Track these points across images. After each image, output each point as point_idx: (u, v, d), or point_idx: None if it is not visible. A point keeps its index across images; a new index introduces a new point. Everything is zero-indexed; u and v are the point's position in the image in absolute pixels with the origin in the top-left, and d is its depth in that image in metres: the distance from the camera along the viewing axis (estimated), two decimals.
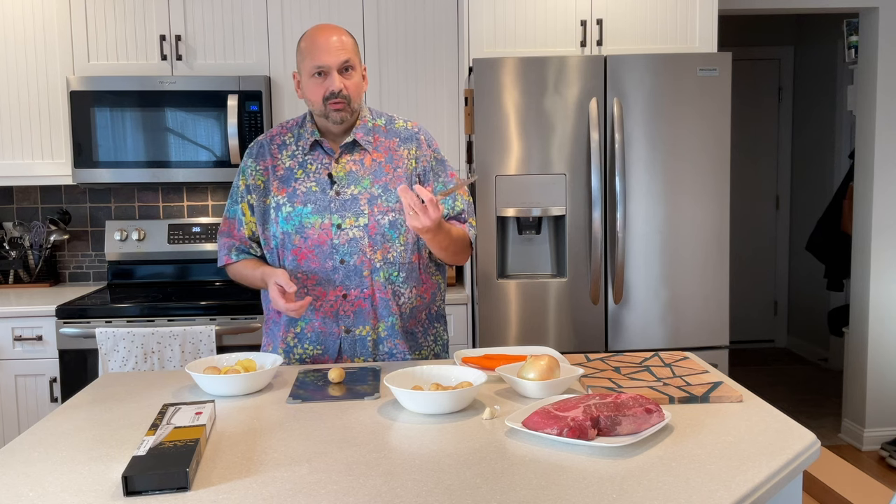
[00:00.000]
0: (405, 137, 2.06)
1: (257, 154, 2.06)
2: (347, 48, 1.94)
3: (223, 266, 2.10)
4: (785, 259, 6.20)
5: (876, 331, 3.95)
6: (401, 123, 2.09)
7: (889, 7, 3.80)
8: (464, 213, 2.06)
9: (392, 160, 2.03)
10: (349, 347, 2.02)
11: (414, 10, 3.37)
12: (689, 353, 2.01)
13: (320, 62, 1.92)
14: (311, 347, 2.03)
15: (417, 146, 2.06)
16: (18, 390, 3.07)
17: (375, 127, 2.05)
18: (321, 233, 1.98)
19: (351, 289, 1.99)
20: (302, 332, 2.03)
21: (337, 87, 1.92)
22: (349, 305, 2.00)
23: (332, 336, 2.01)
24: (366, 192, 1.99)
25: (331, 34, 1.94)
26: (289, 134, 2.06)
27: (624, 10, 3.17)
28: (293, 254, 1.99)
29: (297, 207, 1.99)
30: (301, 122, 2.07)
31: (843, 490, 2.53)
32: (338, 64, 1.92)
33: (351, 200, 1.98)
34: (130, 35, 3.31)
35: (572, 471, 1.26)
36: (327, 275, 1.98)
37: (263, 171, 2.04)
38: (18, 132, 3.33)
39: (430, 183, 2.05)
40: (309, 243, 1.98)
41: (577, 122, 2.97)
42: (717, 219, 3.04)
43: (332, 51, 1.91)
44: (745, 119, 6.08)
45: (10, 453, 1.41)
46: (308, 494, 1.20)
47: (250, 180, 2.05)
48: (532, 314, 3.01)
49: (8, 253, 3.54)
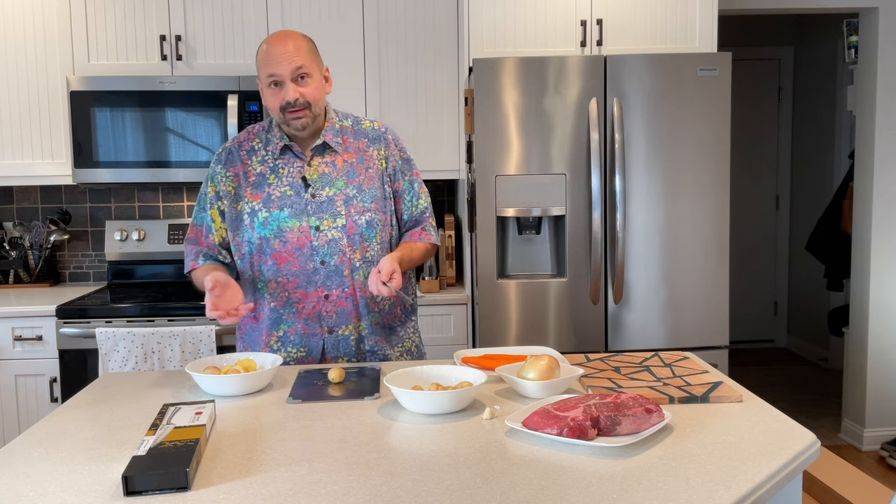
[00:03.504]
0: (373, 138, 2.08)
1: (226, 160, 2.05)
2: (302, 53, 1.92)
3: (189, 272, 2.06)
4: (785, 259, 6.20)
5: (876, 331, 3.95)
6: (367, 124, 2.11)
7: (889, 7, 3.80)
8: (426, 212, 2.13)
9: (363, 161, 2.05)
10: (332, 347, 2.03)
11: (414, 10, 3.37)
12: (689, 353, 2.01)
13: (272, 71, 1.91)
14: (294, 350, 2.03)
15: (386, 146, 2.08)
16: (18, 390, 3.07)
17: (343, 128, 2.06)
18: (300, 235, 1.98)
19: (333, 289, 2.00)
20: (285, 335, 2.03)
21: (291, 97, 1.92)
22: (331, 306, 2.01)
23: (315, 337, 2.02)
24: (341, 193, 2.01)
25: (285, 42, 1.92)
26: (256, 139, 2.06)
27: (624, 10, 3.17)
28: (273, 258, 1.99)
29: (274, 212, 1.98)
30: (268, 127, 2.06)
31: (843, 490, 2.53)
32: (290, 73, 1.91)
33: (327, 202, 2.00)
34: (130, 35, 3.31)
35: (572, 471, 1.26)
36: (308, 276, 1.99)
37: (234, 177, 2.03)
38: (18, 132, 3.33)
39: (399, 181, 2.09)
40: (289, 247, 1.98)
41: (577, 122, 2.97)
42: (717, 219, 3.04)
43: (285, 60, 1.90)
44: (745, 119, 6.08)
45: (10, 453, 1.41)
46: (308, 494, 1.20)
47: (220, 186, 2.04)
48: (532, 314, 3.01)
49: (8, 253, 3.54)
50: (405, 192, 2.10)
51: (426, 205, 2.14)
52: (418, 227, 2.13)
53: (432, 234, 2.13)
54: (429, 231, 2.12)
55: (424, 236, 2.11)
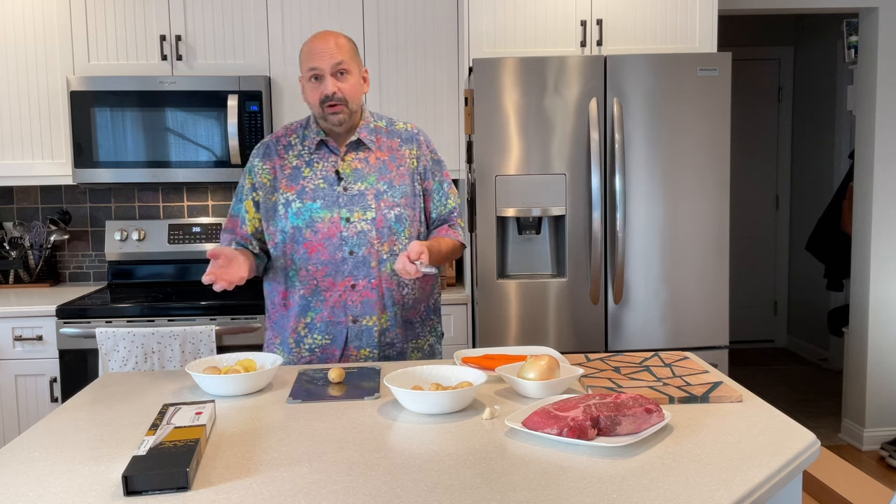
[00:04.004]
0: (406, 138, 2.17)
1: (264, 154, 2.14)
2: (343, 51, 2.02)
3: None
4: (785, 259, 6.20)
5: (876, 331, 3.95)
6: (401, 125, 2.19)
7: (889, 7, 3.80)
8: (455, 213, 2.21)
9: (395, 159, 2.13)
10: (355, 337, 2.10)
11: (414, 10, 3.37)
12: (689, 353, 2.01)
13: (313, 65, 2.01)
14: (319, 337, 2.10)
15: (418, 147, 2.16)
16: (18, 390, 3.07)
17: (377, 128, 2.16)
18: (331, 226, 2.06)
19: (359, 279, 2.07)
20: (312, 321, 2.10)
21: (330, 90, 2.01)
22: (357, 296, 2.08)
23: (339, 325, 2.09)
24: (372, 188, 2.08)
25: (327, 38, 2.03)
26: (293, 135, 2.15)
27: (624, 10, 3.17)
28: (304, 247, 2.07)
29: (307, 203, 2.07)
30: (305, 124, 2.16)
31: (843, 490, 2.53)
32: (331, 67, 2.01)
33: (358, 196, 2.07)
34: (130, 35, 3.31)
35: (572, 471, 1.26)
36: (337, 266, 2.07)
37: (271, 169, 2.12)
38: (18, 132, 3.33)
39: (429, 180, 2.17)
40: (319, 236, 2.06)
41: (577, 122, 2.97)
42: (717, 219, 3.04)
43: (326, 55, 2.00)
44: (744, 119, 6.08)
45: (10, 453, 1.41)
46: (308, 494, 1.20)
47: (257, 178, 2.12)
48: (532, 314, 3.01)
49: (8, 253, 3.54)
50: (435, 192, 2.18)
51: (455, 205, 2.21)
52: (446, 225, 2.20)
53: (460, 233, 2.21)
54: (456, 229, 2.20)
55: (452, 233, 2.18)
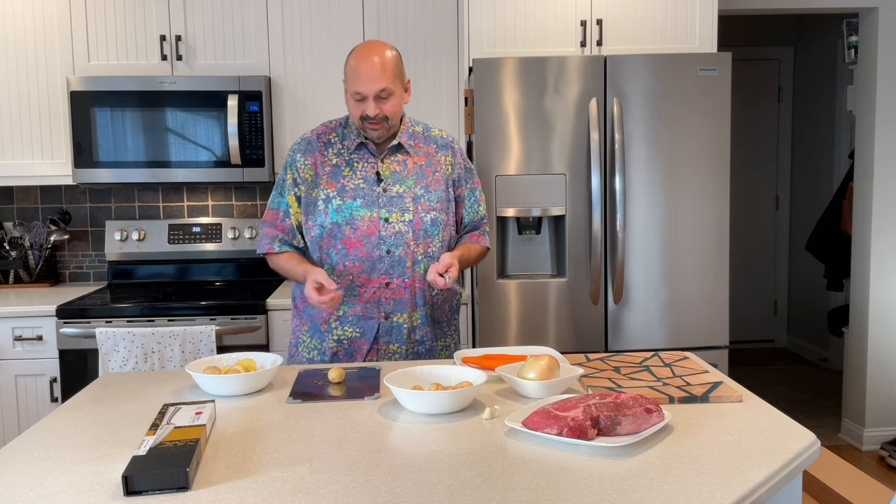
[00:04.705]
0: (441, 145, 2.25)
1: (305, 149, 2.20)
2: (387, 74, 2.05)
3: (264, 254, 2.20)
4: (785, 259, 6.20)
5: (876, 331, 3.95)
6: (436, 132, 2.28)
7: (889, 7, 3.80)
8: (484, 219, 2.32)
9: (431, 164, 2.22)
10: (385, 332, 2.17)
11: (414, 10, 3.37)
12: (689, 353, 2.01)
13: (358, 89, 2.06)
14: (350, 329, 2.16)
15: (452, 154, 2.25)
16: (18, 390, 3.07)
17: (415, 133, 2.23)
18: (370, 225, 2.13)
19: (394, 278, 2.14)
20: (344, 315, 2.16)
21: (372, 112, 2.07)
22: (390, 293, 2.15)
23: (371, 321, 2.16)
24: (410, 191, 2.16)
25: (372, 59, 2.05)
26: (333, 133, 2.21)
27: (624, 10, 3.17)
28: (342, 243, 2.13)
29: (348, 201, 2.13)
30: (344, 123, 2.21)
31: (843, 490, 2.53)
32: (374, 93, 2.05)
33: (397, 197, 2.15)
34: (130, 35, 3.31)
35: (572, 471, 1.26)
36: (373, 263, 2.13)
37: (312, 165, 2.17)
38: (18, 132, 3.33)
39: (462, 187, 2.26)
40: (358, 234, 2.13)
41: (577, 122, 2.97)
42: (717, 219, 3.04)
43: (371, 80, 2.04)
44: (744, 119, 6.08)
45: (10, 453, 1.41)
46: (308, 494, 1.20)
47: (298, 174, 2.18)
48: (532, 314, 3.01)
49: (8, 253, 3.54)
50: (467, 198, 2.27)
51: (484, 212, 2.32)
52: (476, 231, 2.30)
53: (487, 238, 2.31)
54: (485, 236, 2.31)
55: (482, 240, 2.29)
